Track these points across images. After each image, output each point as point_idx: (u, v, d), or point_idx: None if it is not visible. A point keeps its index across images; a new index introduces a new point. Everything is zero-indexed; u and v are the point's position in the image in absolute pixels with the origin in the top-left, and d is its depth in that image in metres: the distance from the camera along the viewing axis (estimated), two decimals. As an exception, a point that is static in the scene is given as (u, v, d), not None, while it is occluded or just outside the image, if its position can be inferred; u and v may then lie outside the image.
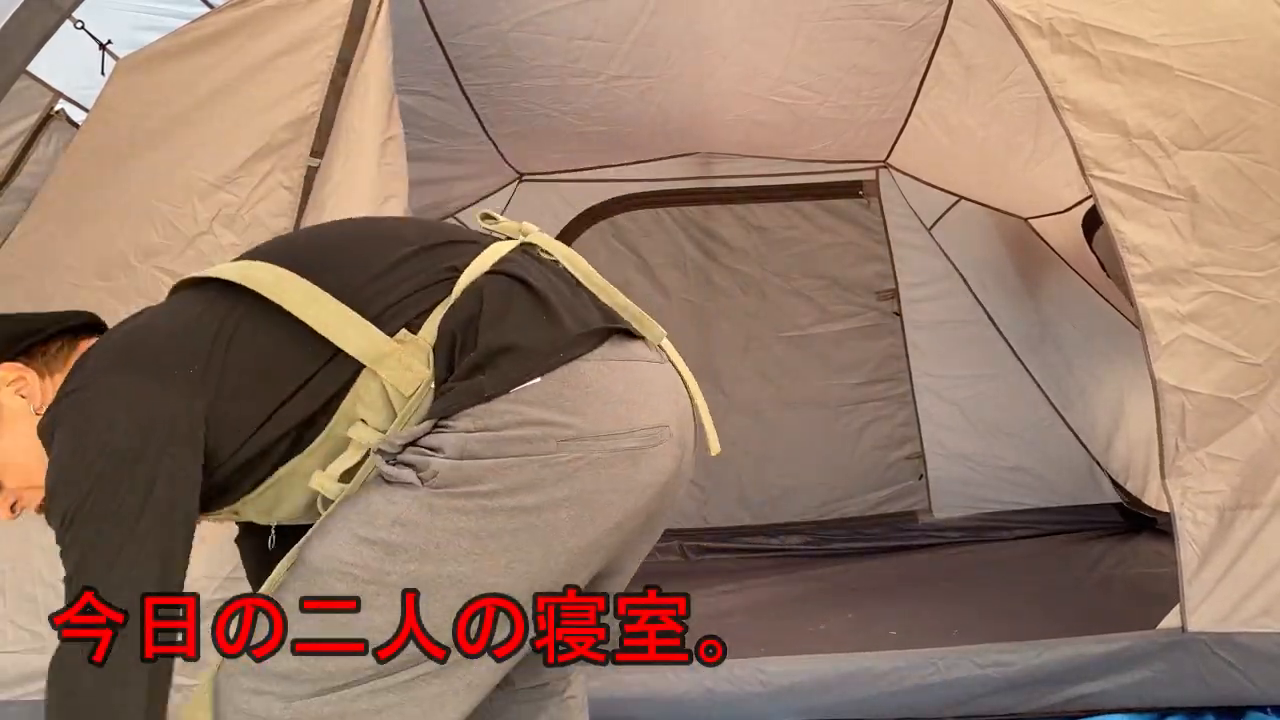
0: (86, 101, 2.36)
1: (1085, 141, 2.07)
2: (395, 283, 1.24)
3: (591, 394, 1.21)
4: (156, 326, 1.29)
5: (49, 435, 1.22)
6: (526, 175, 3.92)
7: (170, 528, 1.17)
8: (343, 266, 1.26)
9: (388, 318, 1.22)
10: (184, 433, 1.19)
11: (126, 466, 1.15)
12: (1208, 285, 2.07)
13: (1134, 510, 3.89)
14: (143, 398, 1.19)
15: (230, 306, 1.25)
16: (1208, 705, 2.13)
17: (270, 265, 1.27)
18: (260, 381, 1.22)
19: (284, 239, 1.58)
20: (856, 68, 2.90)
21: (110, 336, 1.34)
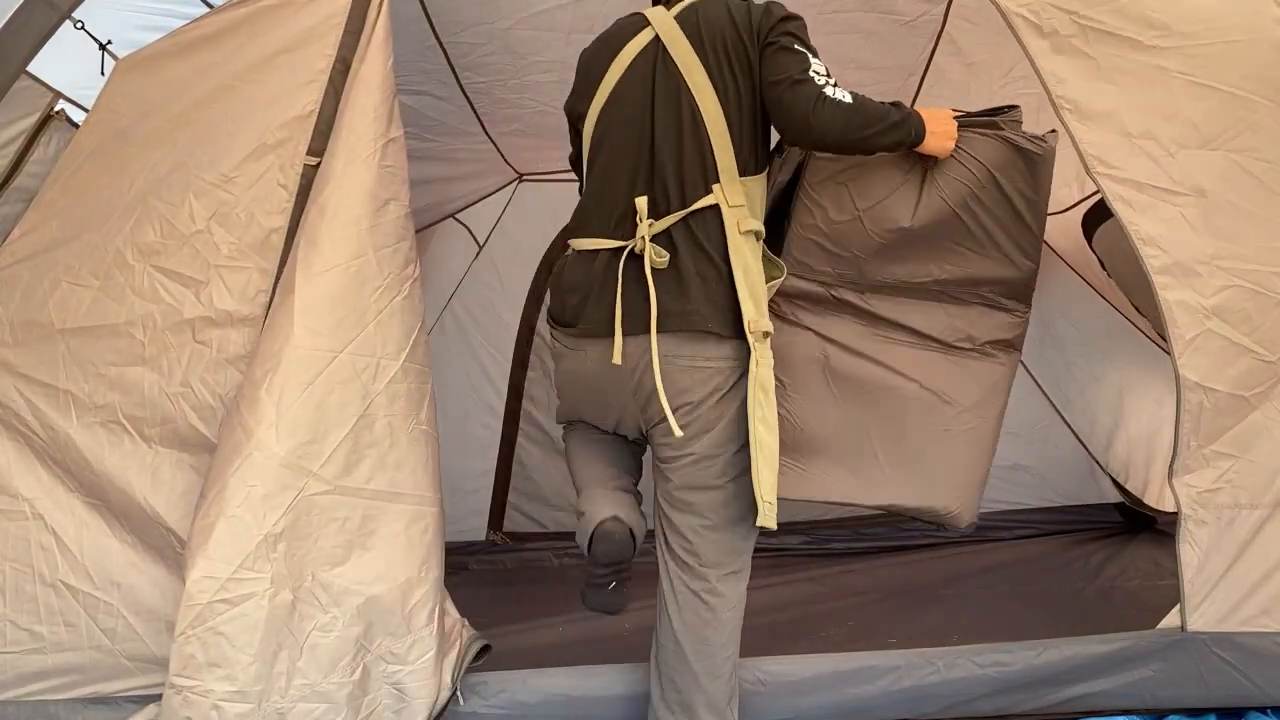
0: (86, 102, 2.36)
1: (1087, 141, 2.07)
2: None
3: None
4: None
5: None
6: (526, 175, 3.92)
7: None
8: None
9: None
10: None
11: None
12: (1229, 279, 2.06)
13: (1134, 510, 3.90)
14: None
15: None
16: (1207, 705, 2.13)
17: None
18: None
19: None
20: (855, 62, 2.90)
21: None
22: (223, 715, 1.83)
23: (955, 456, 2.08)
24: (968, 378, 2.09)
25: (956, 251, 2.06)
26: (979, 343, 2.10)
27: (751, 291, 1.87)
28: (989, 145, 2.02)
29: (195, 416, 2.01)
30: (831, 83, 1.86)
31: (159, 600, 1.99)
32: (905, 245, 2.06)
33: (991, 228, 2.04)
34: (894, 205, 2.02)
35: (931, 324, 2.11)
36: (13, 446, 2.06)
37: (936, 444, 2.09)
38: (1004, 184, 2.02)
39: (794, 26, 1.92)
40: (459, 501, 3.79)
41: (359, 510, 1.94)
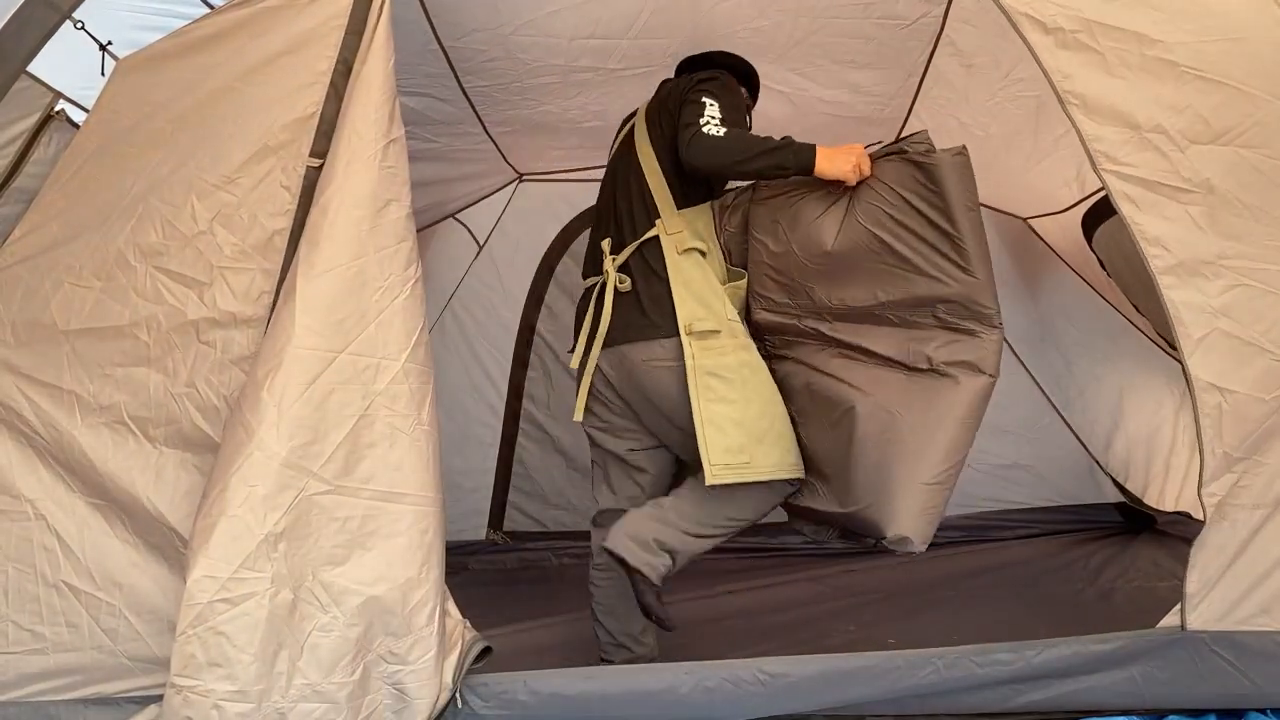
0: (87, 102, 2.36)
1: (1094, 136, 2.05)
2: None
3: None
4: None
5: None
6: (526, 175, 3.92)
7: None
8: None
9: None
10: None
11: None
12: (1236, 278, 2.04)
13: (1134, 510, 3.90)
14: None
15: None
16: (1207, 705, 2.13)
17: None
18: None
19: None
20: (855, 64, 2.91)
21: None
22: (223, 715, 1.83)
23: (890, 464, 2.09)
24: (922, 396, 2.10)
25: (890, 273, 2.13)
26: (936, 363, 2.11)
27: (695, 295, 2.26)
28: (891, 166, 2.12)
29: (200, 417, 2.02)
30: (715, 121, 2.20)
31: (161, 600, 1.99)
32: (840, 270, 2.18)
33: (913, 246, 2.09)
34: (817, 232, 2.18)
35: (892, 348, 2.17)
36: (14, 447, 2.06)
37: (877, 453, 2.13)
38: (913, 201, 2.08)
39: (708, 85, 2.31)
40: (459, 501, 3.79)
41: (359, 510, 1.94)
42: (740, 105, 2.35)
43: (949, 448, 2.06)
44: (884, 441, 2.12)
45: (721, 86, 2.32)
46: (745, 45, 2.81)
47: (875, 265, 2.13)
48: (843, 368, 2.24)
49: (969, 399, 2.07)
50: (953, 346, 2.10)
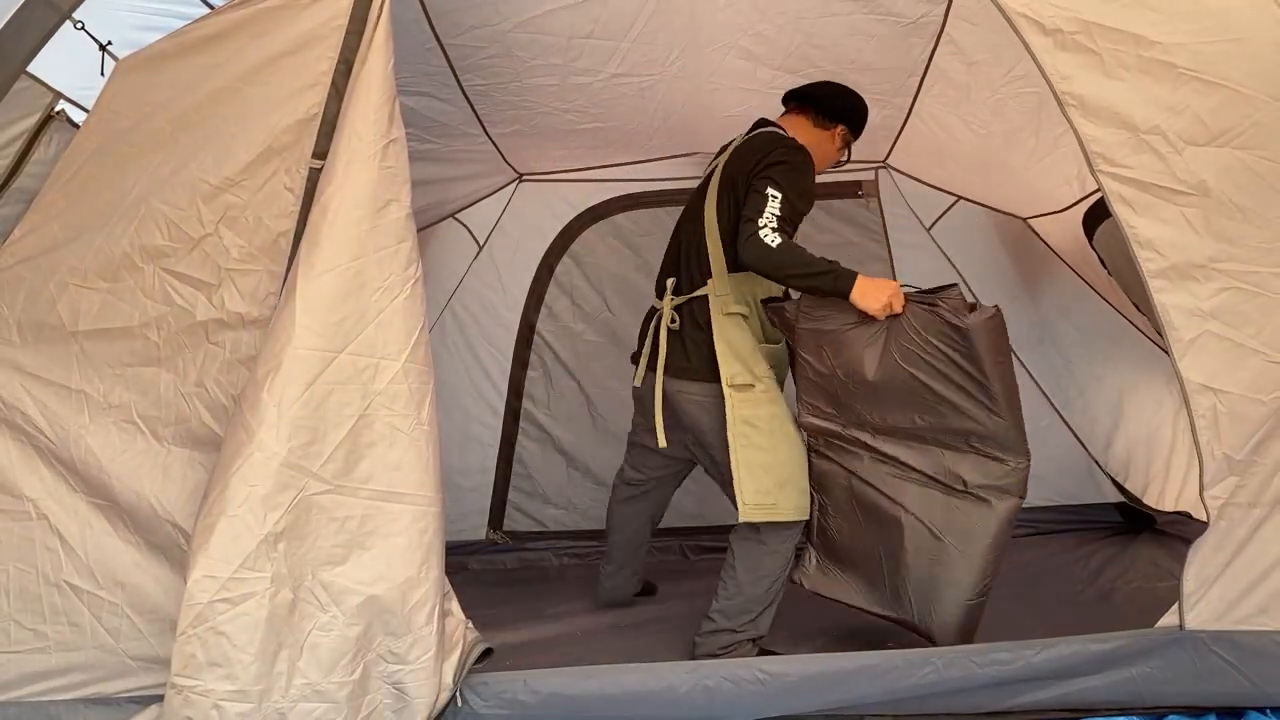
0: (87, 102, 2.36)
1: (1092, 137, 2.06)
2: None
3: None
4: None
5: None
6: (526, 175, 3.92)
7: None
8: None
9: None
10: None
11: None
12: (1227, 281, 2.05)
13: (1134, 510, 3.90)
14: None
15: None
16: (1206, 704, 2.13)
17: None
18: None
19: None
20: (855, 64, 2.91)
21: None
22: (223, 715, 1.83)
23: (938, 586, 2.35)
24: (960, 517, 2.32)
25: (925, 404, 2.31)
26: (972, 486, 2.31)
27: (735, 354, 2.54)
28: (924, 315, 2.28)
29: (209, 415, 2.03)
30: (772, 227, 2.36)
31: (163, 599, 1.99)
32: (881, 396, 2.38)
33: (947, 388, 2.27)
34: (859, 364, 2.38)
35: (929, 465, 2.37)
36: (15, 447, 2.06)
37: (925, 572, 2.37)
38: (947, 352, 2.25)
39: (777, 171, 2.45)
40: (459, 501, 3.79)
41: (359, 510, 1.94)
42: (808, 191, 2.51)
43: (986, 568, 2.31)
44: (931, 562, 2.36)
45: (788, 172, 2.46)
46: (745, 49, 2.81)
47: (910, 396, 2.33)
48: (886, 481, 2.45)
49: (1001, 521, 2.29)
50: (985, 471, 2.29)
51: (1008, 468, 2.27)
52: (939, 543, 2.34)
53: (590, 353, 3.93)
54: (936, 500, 2.36)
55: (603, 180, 3.89)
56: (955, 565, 2.31)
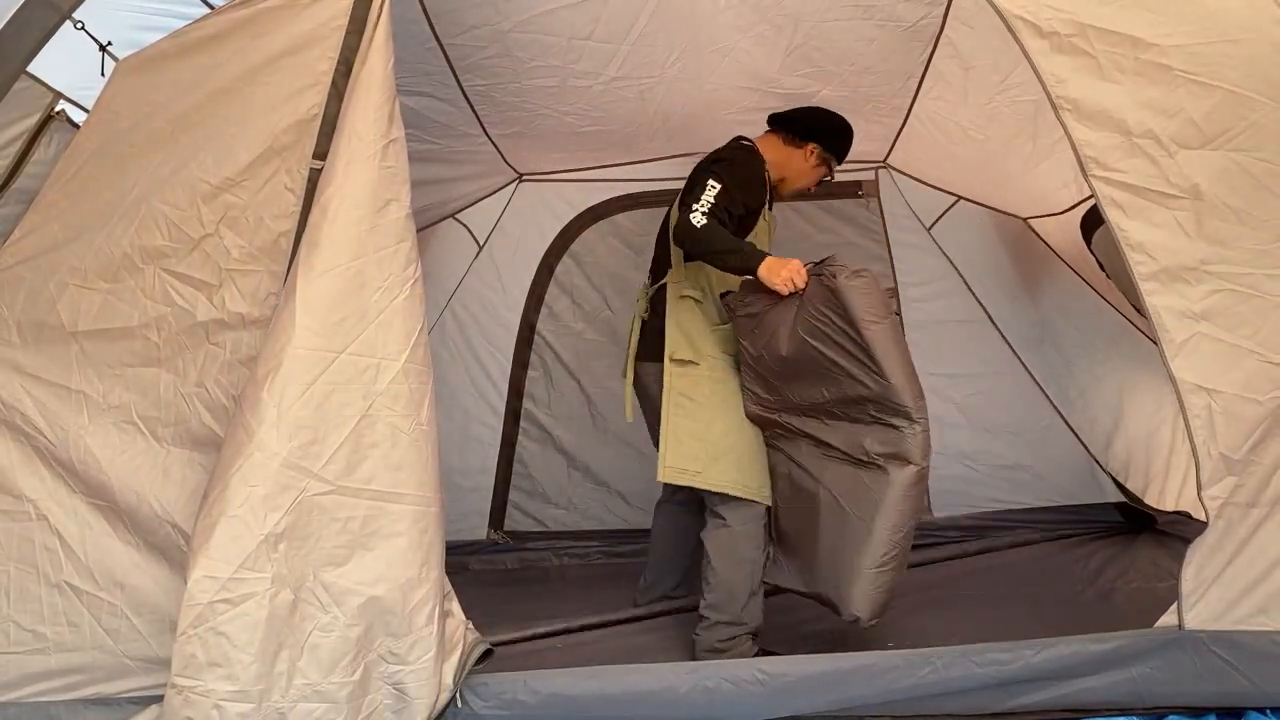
0: (87, 102, 2.36)
1: (1085, 141, 2.07)
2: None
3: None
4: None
5: None
6: (526, 175, 3.92)
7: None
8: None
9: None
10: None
11: None
12: (1219, 283, 2.06)
13: (1134, 509, 3.90)
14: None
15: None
16: (1206, 704, 2.13)
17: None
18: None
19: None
20: (855, 67, 2.91)
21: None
22: (224, 715, 1.83)
23: (842, 555, 2.36)
24: (862, 488, 2.36)
25: (827, 375, 2.40)
26: (873, 456, 2.34)
27: (684, 333, 2.70)
28: (816, 286, 2.41)
29: (209, 416, 2.04)
30: (703, 211, 2.52)
31: (162, 600, 1.99)
32: (796, 373, 2.48)
33: (836, 354, 2.35)
34: (776, 342, 2.50)
35: (841, 440, 2.42)
36: (15, 447, 2.07)
37: (831, 544, 2.40)
38: (831, 316, 2.35)
39: (720, 166, 2.64)
40: (459, 501, 3.80)
41: (360, 510, 1.94)
42: (749, 184, 2.66)
43: (888, 533, 2.29)
44: (836, 535, 2.39)
45: (730, 168, 2.64)
46: (745, 52, 2.81)
47: (815, 370, 2.42)
48: (811, 459, 2.52)
49: (900, 487, 2.29)
50: (884, 439, 2.32)
51: (901, 434, 2.28)
52: (843, 514, 2.38)
53: (591, 352, 3.93)
54: (846, 474, 2.40)
55: (603, 180, 3.90)
56: (855, 534, 2.33)
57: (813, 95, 3.05)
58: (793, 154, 2.87)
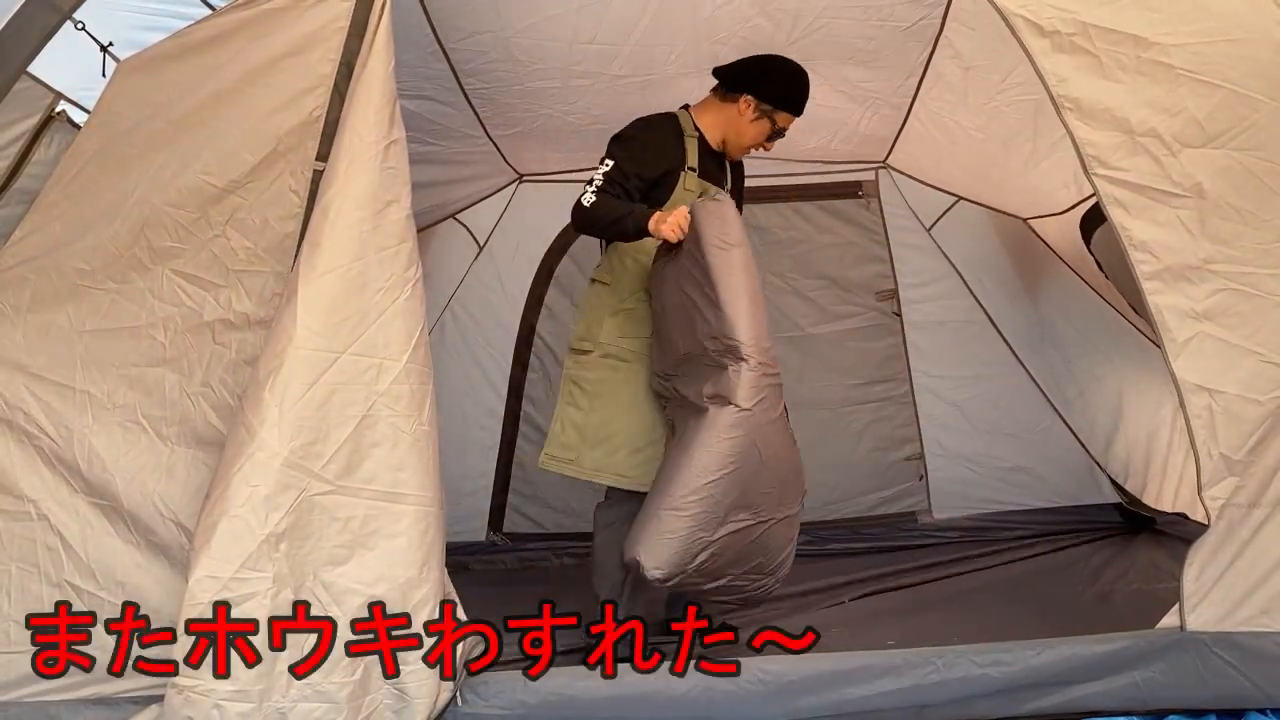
0: (87, 103, 2.36)
1: (1088, 140, 2.07)
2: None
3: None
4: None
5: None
6: (527, 176, 3.92)
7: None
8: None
9: None
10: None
11: None
12: (1222, 283, 2.06)
13: (1134, 510, 3.90)
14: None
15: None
16: (1207, 705, 2.13)
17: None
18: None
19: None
20: (854, 63, 2.91)
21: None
22: (224, 714, 1.83)
23: (648, 504, 2.18)
24: (689, 433, 2.20)
25: (688, 320, 2.29)
26: (703, 400, 2.20)
27: (585, 320, 2.68)
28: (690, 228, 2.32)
29: (214, 416, 2.04)
30: (593, 190, 2.47)
31: (164, 600, 1.99)
32: (673, 322, 2.39)
33: (692, 288, 2.27)
34: (665, 292, 2.44)
35: (692, 392, 2.28)
36: (17, 448, 2.07)
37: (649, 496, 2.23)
38: (690, 249, 2.28)
39: (613, 144, 2.57)
40: (459, 502, 3.79)
41: (361, 510, 1.94)
42: (641, 155, 2.53)
43: (694, 474, 2.11)
44: (657, 482, 2.23)
45: (620, 144, 2.56)
46: (745, 46, 2.81)
47: (683, 317, 2.33)
48: (681, 423, 2.33)
49: (715, 428, 2.13)
50: (713, 383, 2.19)
51: (727, 374, 2.14)
52: (669, 458, 2.24)
53: (590, 354, 3.93)
54: (685, 424, 2.26)
55: (603, 181, 3.89)
56: (663, 477, 2.18)
57: (811, 93, 3.05)
58: (728, 110, 2.63)
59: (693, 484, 2.10)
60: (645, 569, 2.08)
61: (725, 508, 2.12)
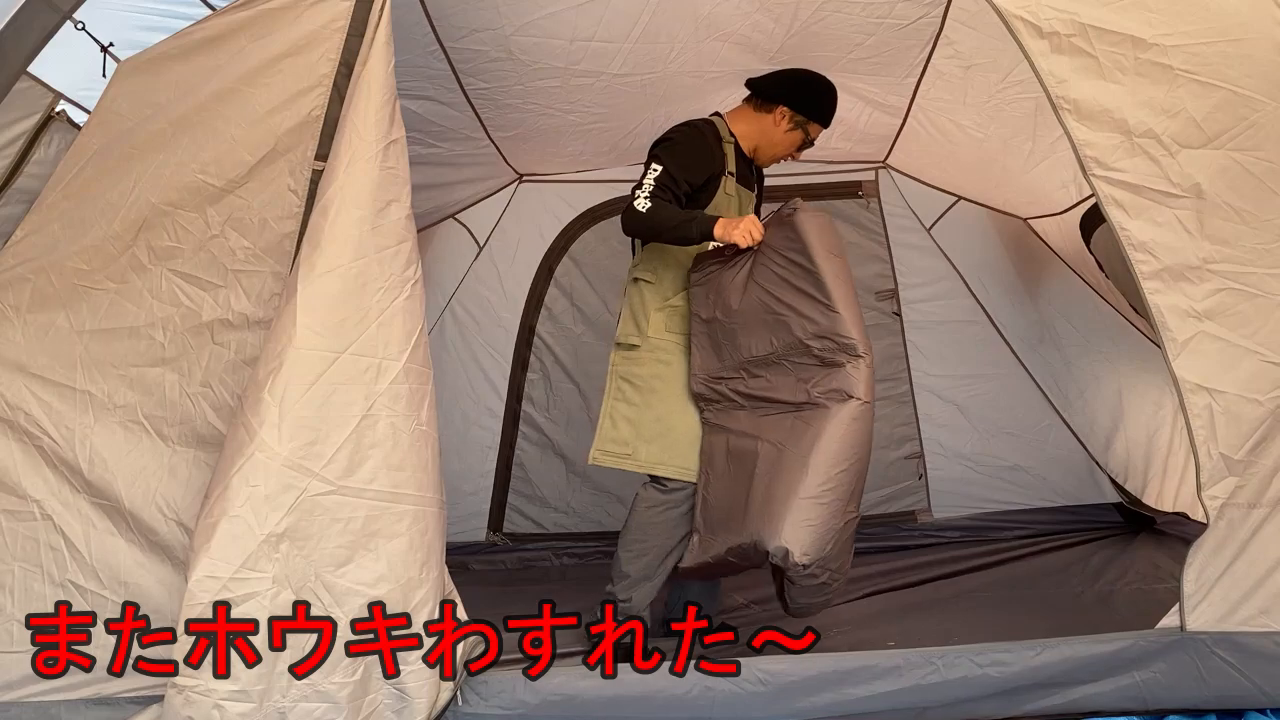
0: (88, 103, 2.36)
1: (1086, 141, 2.07)
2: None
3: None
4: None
5: None
6: (527, 176, 3.92)
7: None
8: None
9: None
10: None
11: None
12: (1222, 282, 2.06)
13: (1133, 510, 3.90)
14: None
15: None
16: (1207, 705, 2.13)
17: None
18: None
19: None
20: (853, 61, 2.91)
21: None
22: (224, 715, 1.83)
23: (773, 492, 2.26)
24: (803, 427, 2.30)
25: (777, 320, 2.40)
26: (814, 396, 2.31)
27: (631, 316, 2.69)
28: (771, 230, 2.45)
29: (214, 415, 2.05)
30: (645, 195, 2.50)
31: (165, 600, 1.99)
32: (747, 325, 2.47)
33: (790, 292, 2.37)
34: (728, 295, 2.51)
35: (788, 392, 2.38)
36: (19, 448, 2.07)
37: (765, 485, 2.30)
38: (786, 253, 2.38)
39: (661, 148, 2.60)
40: (459, 503, 3.79)
41: (361, 511, 1.94)
42: (691, 162, 2.58)
43: (826, 465, 2.20)
44: (771, 474, 2.30)
45: (671, 147, 2.59)
46: (744, 44, 2.81)
47: (767, 316, 2.42)
48: (749, 423, 2.45)
49: (840, 421, 2.24)
50: (827, 380, 2.29)
51: (845, 371, 2.25)
52: (779, 455, 2.30)
53: (590, 355, 3.92)
54: (786, 421, 2.35)
55: (603, 181, 3.89)
56: (790, 469, 2.24)
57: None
58: (763, 120, 2.72)
59: (827, 473, 2.19)
60: (794, 556, 2.14)
61: (845, 498, 2.22)
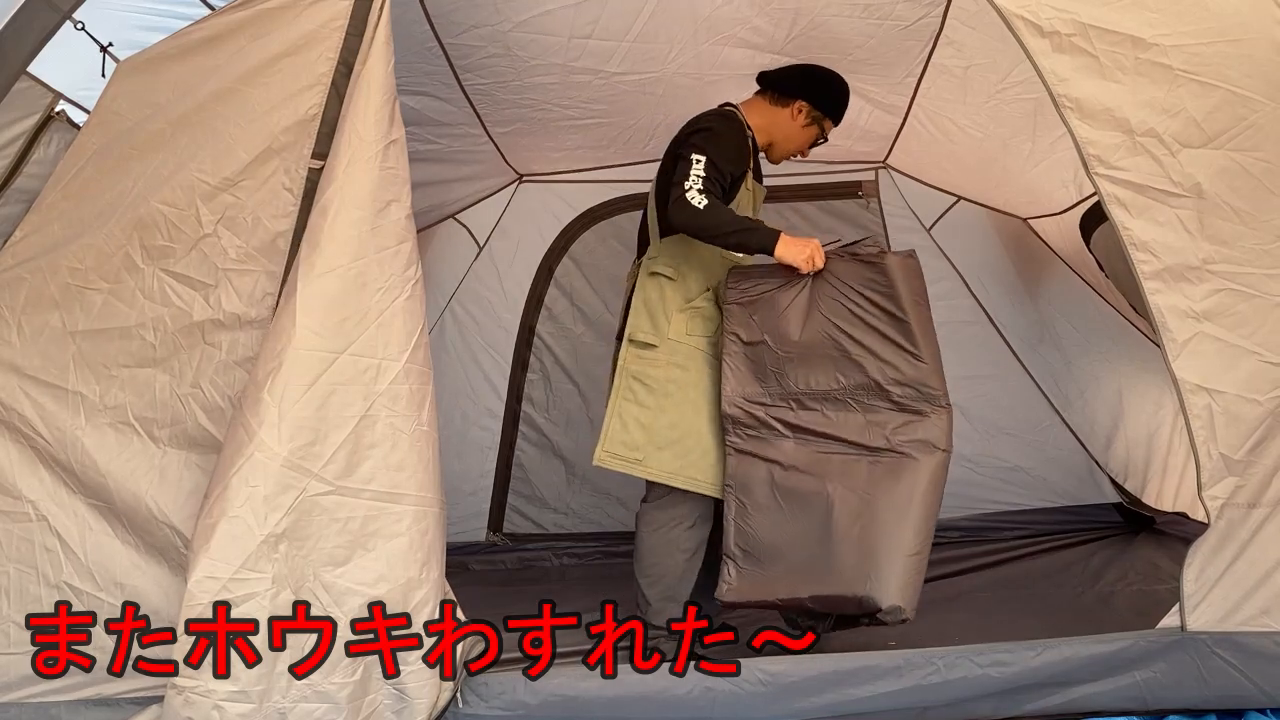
0: (87, 103, 2.36)
1: (1088, 140, 2.07)
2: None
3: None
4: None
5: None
6: (526, 176, 3.92)
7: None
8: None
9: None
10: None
11: None
12: (1221, 283, 2.06)
13: (1133, 510, 3.90)
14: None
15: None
16: (1207, 705, 2.13)
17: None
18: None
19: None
20: (853, 61, 2.91)
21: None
22: (224, 715, 1.83)
23: (873, 547, 2.24)
24: (889, 476, 2.27)
25: (849, 359, 2.34)
26: (895, 444, 2.28)
27: (648, 313, 2.54)
28: (843, 264, 2.37)
29: (205, 417, 2.03)
30: (698, 189, 2.37)
31: (162, 601, 1.99)
32: (806, 357, 2.40)
33: (866, 334, 2.32)
34: (785, 324, 2.42)
35: (852, 430, 2.34)
36: (15, 448, 2.07)
37: (857, 537, 2.27)
38: (869, 295, 2.32)
39: (700, 137, 2.46)
40: (458, 503, 3.79)
41: (361, 511, 1.94)
42: (732, 153, 2.49)
43: (922, 520, 2.23)
44: (862, 524, 2.26)
45: (710, 137, 2.47)
46: (744, 44, 2.81)
47: (834, 353, 2.36)
48: (804, 458, 2.40)
49: (929, 474, 2.25)
50: (908, 427, 2.27)
51: (929, 421, 2.26)
52: (868, 505, 2.27)
53: (590, 355, 3.92)
54: (861, 466, 2.31)
55: (603, 181, 3.90)
56: (887, 523, 2.23)
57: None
58: (779, 114, 2.67)
59: (925, 528, 2.23)
60: (906, 613, 2.19)
61: (930, 545, 2.25)
